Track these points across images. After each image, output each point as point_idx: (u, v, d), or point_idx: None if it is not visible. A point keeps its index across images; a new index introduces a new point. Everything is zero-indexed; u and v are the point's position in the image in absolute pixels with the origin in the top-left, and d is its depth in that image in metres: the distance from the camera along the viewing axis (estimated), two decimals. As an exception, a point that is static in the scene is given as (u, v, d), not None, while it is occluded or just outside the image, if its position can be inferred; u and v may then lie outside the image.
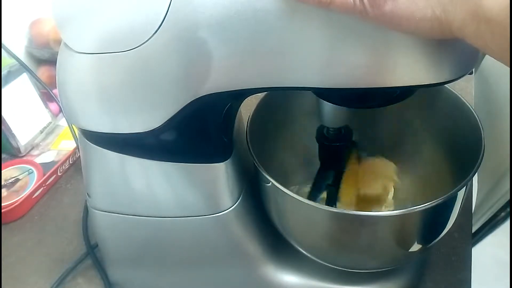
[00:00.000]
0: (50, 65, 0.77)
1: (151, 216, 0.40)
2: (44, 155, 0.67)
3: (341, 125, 0.40)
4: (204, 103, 0.31)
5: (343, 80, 0.29)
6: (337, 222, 0.37)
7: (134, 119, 0.33)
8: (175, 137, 0.34)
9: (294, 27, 0.27)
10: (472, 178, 0.35)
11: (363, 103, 0.35)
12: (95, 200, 0.41)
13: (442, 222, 0.39)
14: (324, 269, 0.43)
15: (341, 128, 0.41)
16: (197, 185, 0.38)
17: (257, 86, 0.30)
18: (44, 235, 0.57)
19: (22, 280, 0.52)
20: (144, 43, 0.29)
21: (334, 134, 0.41)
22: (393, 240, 0.37)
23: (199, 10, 0.27)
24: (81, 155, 0.39)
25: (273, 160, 0.48)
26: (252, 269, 0.45)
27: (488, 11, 0.21)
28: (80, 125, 0.35)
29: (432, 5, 0.23)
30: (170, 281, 0.48)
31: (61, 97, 0.34)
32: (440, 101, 0.44)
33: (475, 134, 0.39)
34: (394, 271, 0.46)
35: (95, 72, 0.31)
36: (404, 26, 0.25)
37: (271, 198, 0.40)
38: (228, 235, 0.42)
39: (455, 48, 0.27)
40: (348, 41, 0.27)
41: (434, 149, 0.48)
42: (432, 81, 0.28)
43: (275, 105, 0.46)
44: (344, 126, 0.40)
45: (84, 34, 0.30)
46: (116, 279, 0.49)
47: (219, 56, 0.29)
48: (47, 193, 0.63)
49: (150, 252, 0.45)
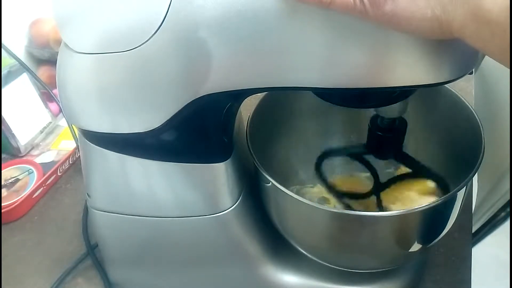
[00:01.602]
0: (50, 65, 0.77)
1: (151, 216, 0.40)
2: (44, 155, 0.67)
3: (397, 116, 0.39)
4: (204, 103, 0.31)
5: (343, 80, 0.29)
6: (337, 222, 0.37)
7: (134, 119, 0.33)
8: (175, 137, 0.34)
9: (294, 27, 0.27)
10: (472, 178, 0.35)
11: (363, 103, 0.35)
12: (95, 200, 0.41)
13: (442, 222, 0.39)
14: (324, 269, 0.43)
15: (395, 119, 0.40)
16: (197, 185, 0.38)
17: (257, 86, 0.30)
18: (44, 235, 0.57)
19: (22, 280, 0.52)
20: (144, 43, 0.29)
21: (388, 124, 0.40)
22: (393, 240, 0.37)
23: (199, 10, 0.27)
24: (81, 155, 0.39)
25: (273, 160, 0.48)
26: (252, 269, 0.45)
27: (488, 12, 0.21)
28: (80, 125, 0.35)
29: (432, 5, 0.23)
30: (170, 281, 0.48)
31: (61, 97, 0.34)
32: (440, 101, 0.44)
33: (475, 134, 0.39)
34: (394, 271, 0.46)
35: (95, 72, 0.31)
36: (404, 26, 0.25)
37: (271, 198, 0.40)
38: (228, 235, 0.42)
39: (455, 48, 0.27)
40: (348, 41, 0.27)
41: (434, 149, 0.48)
42: (432, 81, 0.28)
43: (275, 105, 0.46)
44: (399, 117, 0.39)
45: (84, 34, 0.30)
46: (116, 279, 0.49)
47: (219, 56, 0.29)
48: (47, 193, 0.63)
49: (150, 252, 0.45)
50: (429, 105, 0.46)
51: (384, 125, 0.40)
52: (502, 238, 0.91)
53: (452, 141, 0.44)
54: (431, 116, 0.47)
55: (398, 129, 0.41)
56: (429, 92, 0.42)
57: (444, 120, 0.45)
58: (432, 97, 0.45)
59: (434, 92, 0.44)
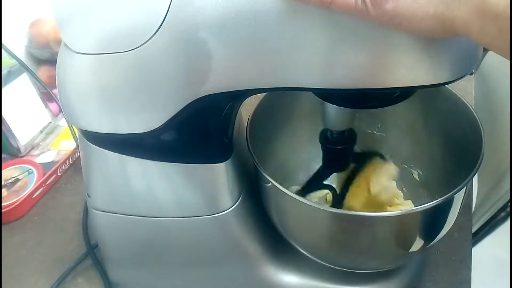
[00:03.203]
0: (50, 65, 0.77)
1: (151, 216, 0.40)
2: (44, 155, 0.67)
3: (345, 128, 0.40)
4: (204, 103, 0.31)
5: (343, 81, 0.29)
6: (337, 222, 0.37)
7: (134, 119, 0.33)
8: (175, 137, 0.34)
9: (294, 28, 0.27)
10: (472, 178, 0.35)
11: (364, 103, 0.35)
12: (95, 200, 0.41)
13: (442, 222, 0.39)
14: (324, 269, 0.43)
15: (344, 131, 0.40)
16: (197, 185, 0.38)
17: (257, 86, 0.30)
18: (44, 235, 0.57)
19: (22, 280, 0.52)
20: (144, 43, 0.29)
21: (337, 137, 0.41)
22: (393, 240, 0.37)
23: (199, 11, 0.27)
24: (81, 155, 0.39)
25: (273, 160, 0.48)
26: (252, 269, 0.45)
27: (495, 7, 0.21)
28: (80, 125, 0.35)
29: (434, 3, 0.23)
30: (170, 281, 0.48)
31: (61, 97, 0.34)
32: (440, 101, 0.44)
33: (475, 134, 0.39)
34: (394, 271, 0.46)
35: (95, 73, 0.31)
36: (405, 25, 0.24)
37: (271, 198, 0.40)
38: (228, 235, 0.42)
39: (455, 49, 0.27)
40: (349, 41, 0.27)
41: (434, 149, 0.48)
42: (432, 82, 0.28)
43: (275, 105, 0.46)
44: (347, 129, 0.40)
45: (84, 35, 0.30)
46: (116, 279, 0.49)
47: (219, 57, 0.29)
48: (47, 193, 0.63)
49: (150, 252, 0.45)
50: (429, 105, 0.46)
51: (334, 138, 0.41)
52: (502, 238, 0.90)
53: (452, 141, 0.44)
54: (431, 116, 0.47)
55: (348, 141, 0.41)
56: (429, 92, 0.42)
57: (444, 120, 0.45)
58: (432, 97, 0.45)
59: (434, 92, 0.44)
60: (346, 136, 0.41)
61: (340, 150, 0.42)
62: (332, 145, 0.41)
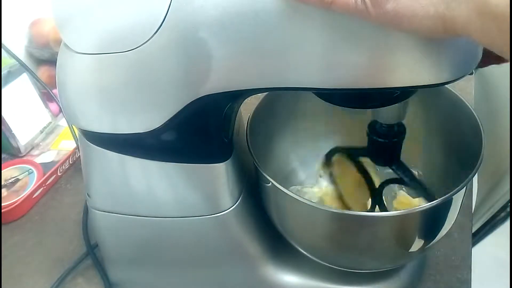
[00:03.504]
0: (50, 65, 0.77)
1: (151, 216, 0.40)
2: (44, 155, 0.67)
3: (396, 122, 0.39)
4: (204, 103, 0.31)
5: (343, 81, 0.29)
6: (337, 222, 0.37)
7: (134, 119, 0.33)
8: (175, 137, 0.34)
9: (294, 28, 0.27)
10: (472, 178, 0.35)
11: (364, 103, 0.35)
12: (95, 200, 0.41)
13: (442, 222, 0.39)
14: (324, 269, 0.43)
15: (394, 125, 0.39)
16: (197, 185, 0.38)
17: (258, 86, 0.30)
18: (44, 235, 0.57)
19: (22, 280, 0.52)
20: (144, 43, 0.29)
21: (387, 130, 0.39)
22: (393, 240, 0.37)
23: (199, 10, 0.27)
24: (81, 155, 0.39)
25: (273, 160, 0.48)
26: (252, 269, 0.45)
27: (495, 6, 0.21)
28: (80, 125, 0.35)
29: (434, 3, 0.23)
30: (170, 281, 0.48)
31: (61, 97, 0.34)
32: (440, 101, 0.44)
33: (475, 134, 0.39)
34: (394, 271, 0.46)
35: (95, 73, 0.31)
36: (406, 25, 0.24)
37: (271, 198, 0.40)
38: (228, 235, 0.42)
39: (455, 49, 0.27)
40: (349, 41, 0.27)
41: (434, 149, 0.48)
42: (432, 82, 0.28)
43: (275, 105, 0.46)
44: (397, 122, 0.39)
45: (84, 35, 0.30)
46: (116, 279, 0.49)
47: (219, 57, 0.29)
48: (47, 193, 0.63)
49: (150, 252, 0.45)
50: (429, 105, 0.46)
51: (382, 130, 0.40)
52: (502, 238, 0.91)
53: (452, 141, 0.44)
54: (431, 116, 0.47)
55: (396, 135, 0.40)
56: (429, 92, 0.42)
57: (444, 120, 0.45)
58: (432, 97, 0.45)
59: (434, 92, 0.44)
60: (395, 131, 0.40)
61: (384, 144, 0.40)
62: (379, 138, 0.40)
